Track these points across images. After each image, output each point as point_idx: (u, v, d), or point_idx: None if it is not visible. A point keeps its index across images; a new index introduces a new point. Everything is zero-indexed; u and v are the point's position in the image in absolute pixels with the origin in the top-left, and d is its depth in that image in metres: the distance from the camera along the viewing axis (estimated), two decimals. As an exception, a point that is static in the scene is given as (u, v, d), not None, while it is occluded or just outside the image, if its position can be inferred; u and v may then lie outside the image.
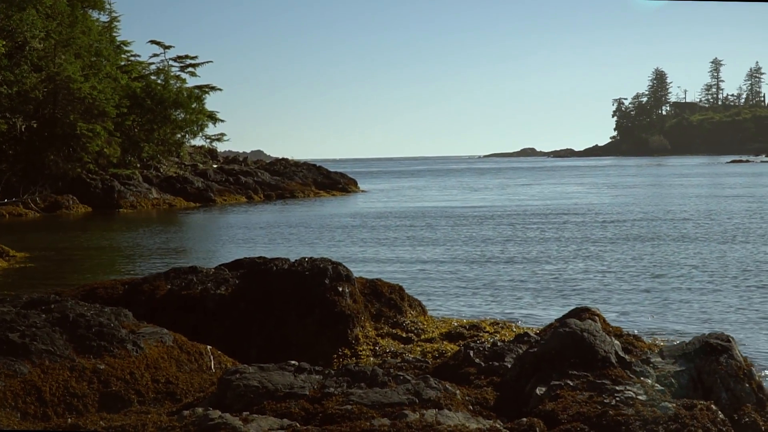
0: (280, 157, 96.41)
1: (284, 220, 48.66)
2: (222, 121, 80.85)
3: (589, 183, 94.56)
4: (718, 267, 25.86)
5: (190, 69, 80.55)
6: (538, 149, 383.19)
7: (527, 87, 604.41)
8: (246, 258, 16.43)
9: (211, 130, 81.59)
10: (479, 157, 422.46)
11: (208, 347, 11.57)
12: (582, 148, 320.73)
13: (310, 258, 14.53)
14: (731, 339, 10.61)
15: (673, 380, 9.98)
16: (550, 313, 18.58)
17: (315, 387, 9.05)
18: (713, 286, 22.56)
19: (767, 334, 16.84)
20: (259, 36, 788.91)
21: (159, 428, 8.38)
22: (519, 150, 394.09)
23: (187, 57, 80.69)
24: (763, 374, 12.65)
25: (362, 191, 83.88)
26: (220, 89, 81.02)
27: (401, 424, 8.04)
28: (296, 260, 14.53)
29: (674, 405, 8.49)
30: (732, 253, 29.01)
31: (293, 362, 9.64)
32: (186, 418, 8.35)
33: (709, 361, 10.18)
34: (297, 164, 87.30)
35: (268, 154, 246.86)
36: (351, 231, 40.74)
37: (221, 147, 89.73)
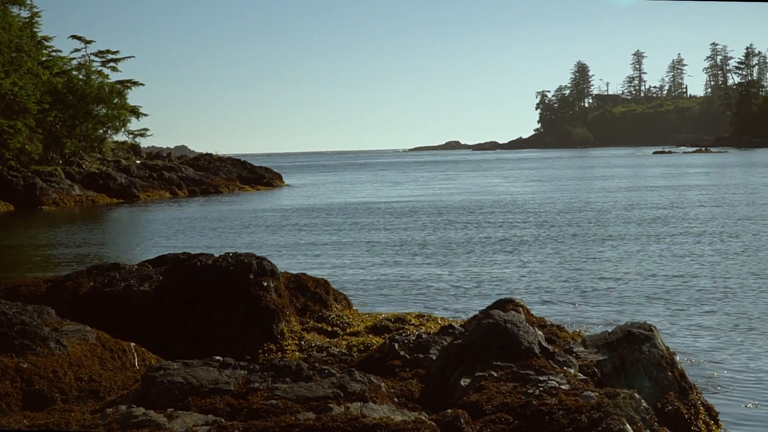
0: (205, 152, 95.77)
1: (208, 216, 48.42)
2: (145, 115, 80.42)
3: (513, 176, 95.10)
4: (640, 258, 26.17)
5: (111, 64, 80.00)
6: (462, 142, 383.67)
7: (451, 80, 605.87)
8: (170, 254, 16.33)
9: (134, 125, 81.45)
10: (404, 150, 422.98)
11: (132, 344, 11.48)
12: (506, 141, 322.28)
13: (235, 253, 14.46)
14: (653, 328, 10.75)
15: (596, 369, 10.09)
16: (475, 305, 18.66)
17: (240, 382, 9.02)
18: (634, 276, 22.83)
19: (688, 324, 17.07)
20: (181, 30, 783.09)
21: (83, 426, 8.31)
22: (444, 143, 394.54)
23: (108, 52, 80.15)
24: (685, 363, 12.83)
25: (287, 186, 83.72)
26: (142, 84, 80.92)
27: (326, 418, 8.03)
28: (221, 256, 14.46)
29: (597, 394, 8.58)
30: (652, 245, 29.37)
31: (218, 358, 9.59)
32: (109, 415, 8.29)
33: (632, 350, 10.31)
34: (221, 159, 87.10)
35: (192, 149, 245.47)
36: (275, 226, 40.64)
37: (144, 143, 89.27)
